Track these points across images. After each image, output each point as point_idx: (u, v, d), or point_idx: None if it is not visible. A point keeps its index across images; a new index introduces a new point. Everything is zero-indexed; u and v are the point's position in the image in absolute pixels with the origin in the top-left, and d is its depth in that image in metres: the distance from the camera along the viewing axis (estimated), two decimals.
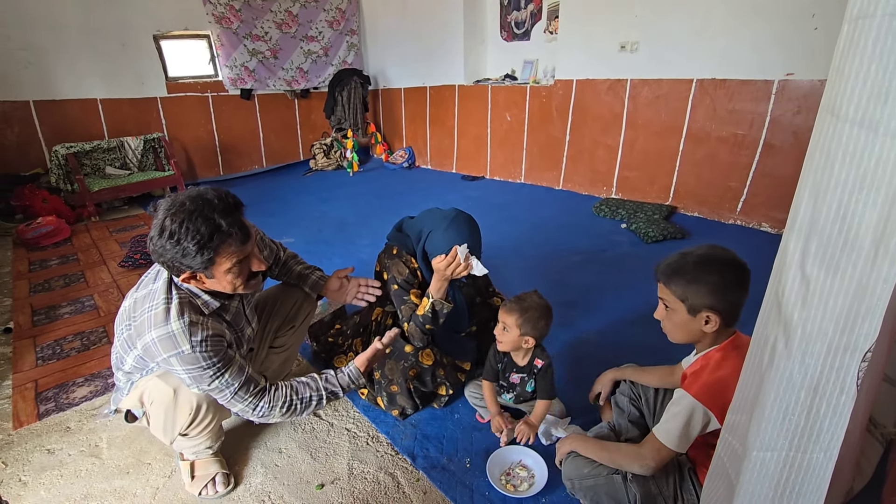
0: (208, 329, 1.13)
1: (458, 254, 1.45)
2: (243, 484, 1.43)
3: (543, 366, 1.52)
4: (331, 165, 5.82)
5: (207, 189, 1.11)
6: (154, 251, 1.08)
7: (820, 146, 0.67)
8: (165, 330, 1.09)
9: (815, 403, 0.71)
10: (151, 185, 4.46)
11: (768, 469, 0.78)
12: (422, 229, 1.60)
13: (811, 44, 2.84)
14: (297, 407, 1.24)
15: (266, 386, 1.23)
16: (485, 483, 1.38)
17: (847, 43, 0.64)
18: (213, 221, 1.07)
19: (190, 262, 1.07)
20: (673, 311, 1.15)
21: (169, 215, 1.06)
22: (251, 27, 5.20)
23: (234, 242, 1.10)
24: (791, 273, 0.72)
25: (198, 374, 1.12)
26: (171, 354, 1.09)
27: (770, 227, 3.26)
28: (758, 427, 0.78)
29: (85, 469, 1.50)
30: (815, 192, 0.68)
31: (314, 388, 1.27)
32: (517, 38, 4.80)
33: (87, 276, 2.96)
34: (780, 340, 0.74)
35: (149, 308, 1.12)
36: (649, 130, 3.75)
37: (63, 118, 4.37)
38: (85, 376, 1.95)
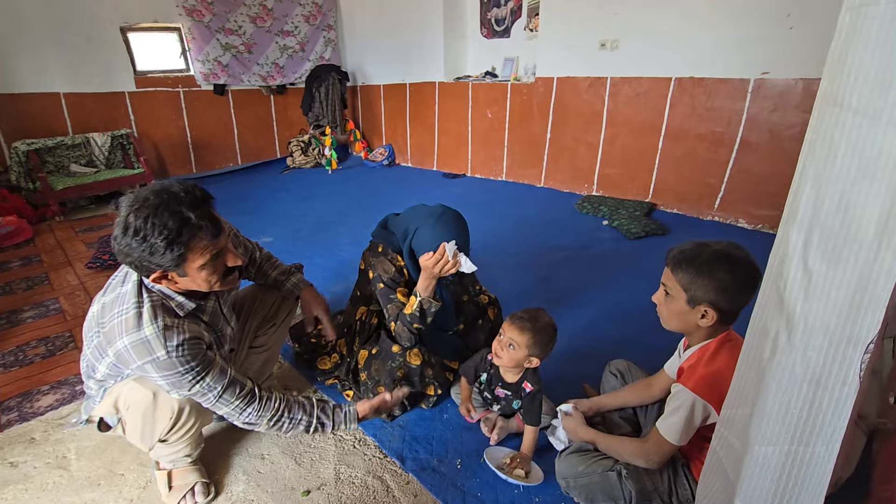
0: (185, 332, 1.06)
1: (447, 251, 1.41)
2: (224, 493, 1.37)
3: (532, 392, 1.43)
4: (309, 163, 5.70)
5: (172, 182, 1.04)
6: (119, 251, 1.01)
7: (821, 136, 0.66)
8: (138, 336, 1.02)
9: (817, 396, 0.70)
10: (120, 183, 4.27)
11: (770, 463, 0.77)
12: (408, 226, 1.56)
13: (787, 43, 2.91)
14: (284, 424, 1.18)
15: (257, 392, 1.16)
16: (477, 484, 1.35)
17: (849, 31, 0.63)
18: (180, 214, 0.99)
19: (159, 259, 1.00)
20: (672, 298, 1.14)
21: (132, 211, 0.98)
22: (224, 21, 5.04)
23: (205, 236, 1.03)
24: (793, 265, 0.71)
25: (176, 380, 1.06)
26: (145, 361, 1.02)
27: (747, 222, 3.33)
28: (759, 421, 0.78)
29: (52, 482, 1.41)
30: (818, 183, 0.67)
31: (308, 412, 1.20)
32: (497, 36, 4.79)
33: (52, 278, 2.81)
34: (782, 333, 0.73)
35: (119, 313, 1.04)
36: (629, 128, 3.79)
37: (23, 113, 4.14)
38: (50, 384, 1.84)
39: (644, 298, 2.33)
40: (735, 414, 0.92)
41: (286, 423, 1.18)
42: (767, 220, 3.24)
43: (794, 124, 3.00)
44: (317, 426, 1.21)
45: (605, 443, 1.25)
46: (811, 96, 2.90)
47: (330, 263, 2.89)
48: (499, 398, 1.53)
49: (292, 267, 1.60)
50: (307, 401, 1.23)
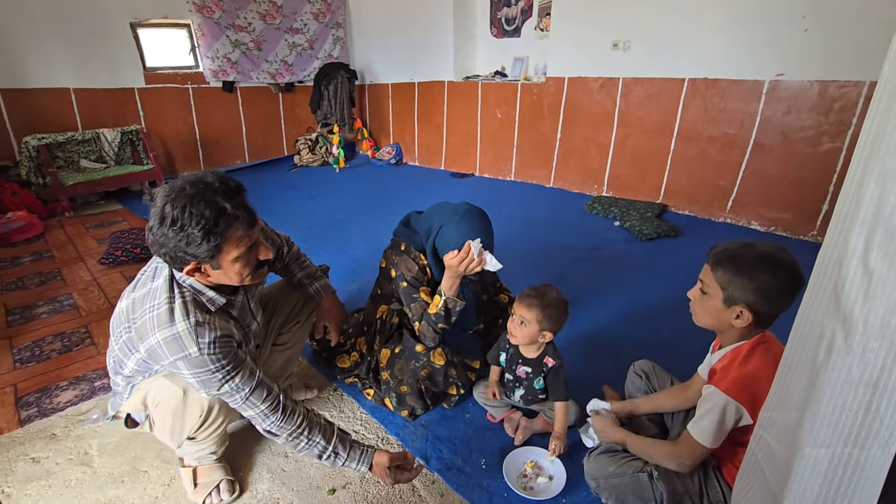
0: (216, 329, 1.05)
1: (472, 249, 1.40)
2: (249, 491, 1.36)
3: (555, 366, 1.46)
4: (316, 161, 5.69)
5: (206, 173, 1.03)
6: (154, 242, 1.00)
7: (886, 134, 0.66)
8: (171, 331, 1.01)
9: (874, 399, 0.69)
10: (129, 180, 4.27)
11: (821, 467, 0.76)
12: (431, 224, 1.55)
13: (802, 45, 2.90)
14: (302, 443, 1.14)
15: (282, 400, 1.13)
16: (502, 484, 1.35)
17: None
18: (216, 204, 0.99)
19: (195, 250, 0.99)
20: (708, 296, 1.13)
21: (169, 201, 0.98)
22: (234, 17, 5.04)
23: (240, 226, 1.03)
24: (852, 265, 0.70)
25: (206, 378, 1.05)
26: (177, 357, 1.02)
27: (759, 224, 3.33)
28: (811, 424, 0.77)
29: (75, 478, 1.40)
30: (883, 180, 0.66)
31: (328, 438, 1.16)
32: (507, 35, 4.78)
33: (64, 273, 2.81)
34: (838, 335, 0.72)
35: (150, 308, 1.03)
36: (641, 129, 3.78)
37: (33, 108, 4.14)
38: (69, 379, 1.84)
39: (658, 299, 2.35)
40: (776, 417, 0.91)
41: (304, 443, 1.15)
42: (780, 222, 3.23)
43: (808, 127, 3.00)
44: (331, 454, 1.16)
45: (635, 444, 1.24)
46: (826, 99, 2.89)
47: (342, 262, 2.88)
48: (521, 379, 1.53)
49: (318, 270, 1.60)
50: (329, 426, 1.19)
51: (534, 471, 1.39)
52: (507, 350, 1.54)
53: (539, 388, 1.52)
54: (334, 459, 1.17)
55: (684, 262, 2.80)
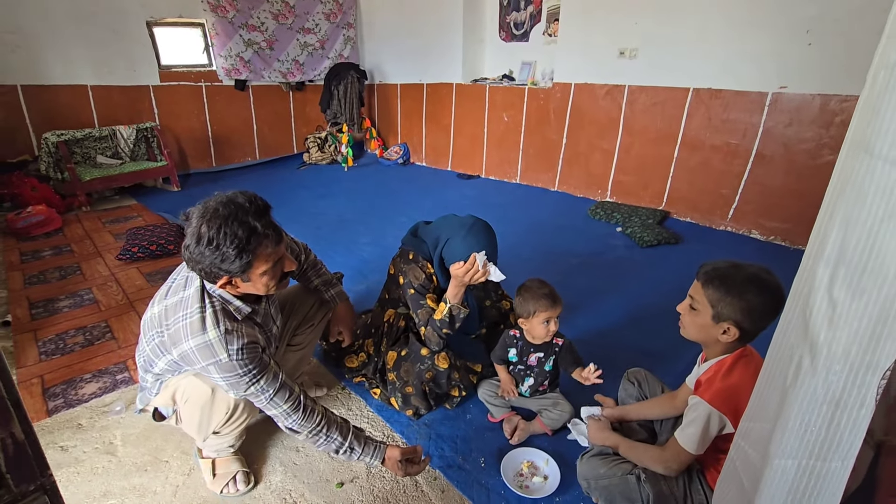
0: (244, 337, 1.15)
1: (477, 261, 1.49)
2: (263, 482, 1.46)
3: (566, 343, 1.63)
4: (325, 159, 5.78)
5: (237, 193, 1.13)
6: (191, 259, 1.10)
7: (852, 181, 0.73)
8: (203, 339, 1.11)
9: (836, 416, 0.77)
10: (143, 176, 4.38)
11: (787, 476, 0.84)
12: (439, 236, 1.63)
13: (805, 59, 2.94)
14: (321, 439, 1.24)
15: (303, 401, 1.22)
16: (500, 482, 1.43)
17: (883, 86, 0.69)
18: (248, 224, 1.08)
19: (228, 266, 1.09)
20: (697, 312, 1.20)
21: (204, 222, 1.08)
22: (247, 17, 5.12)
23: (269, 244, 1.13)
24: (819, 296, 0.78)
25: (235, 381, 1.15)
26: (209, 363, 1.12)
27: (759, 234, 3.38)
28: (780, 437, 0.85)
29: (101, 466, 1.50)
30: (846, 224, 0.74)
31: (344, 434, 1.26)
32: (516, 39, 4.84)
33: (84, 268, 2.91)
34: (805, 358, 0.80)
35: (183, 317, 1.13)
36: (645, 136, 3.84)
37: (52, 104, 4.25)
38: (92, 372, 1.94)
39: (656, 307, 2.42)
40: (753, 427, 0.99)
41: (322, 439, 1.24)
42: (780, 232, 3.29)
43: (810, 139, 3.05)
44: (347, 449, 1.26)
45: (626, 448, 1.32)
46: (827, 112, 2.94)
47: (350, 262, 2.97)
48: (532, 367, 1.64)
49: (334, 277, 1.70)
50: (345, 423, 1.29)
51: (530, 470, 1.47)
52: (517, 344, 1.65)
53: (549, 369, 1.64)
54: (350, 454, 1.27)
55: (683, 270, 2.87)
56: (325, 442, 1.25)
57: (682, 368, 1.56)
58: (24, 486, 0.63)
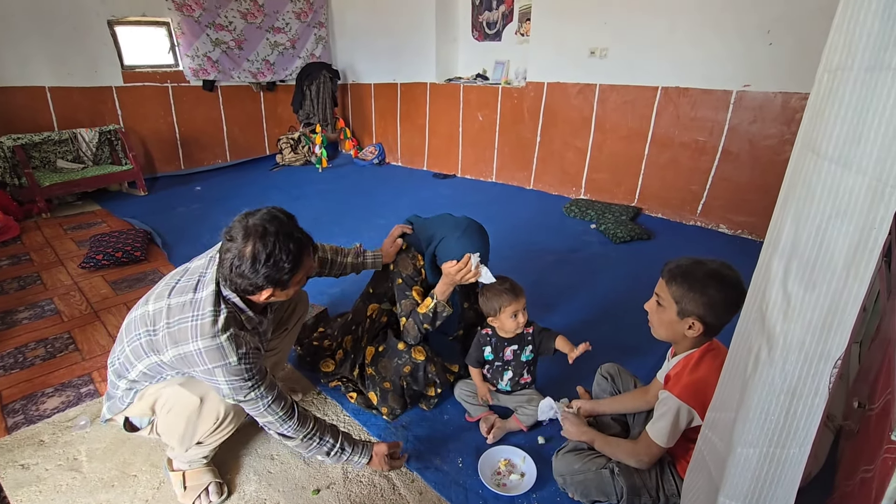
0: (248, 343, 1.16)
1: (471, 261, 1.52)
2: (237, 492, 1.43)
3: (535, 330, 1.66)
4: (298, 161, 5.69)
5: (270, 209, 1.16)
6: (240, 275, 1.10)
7: (802, 179, 0.76)
8: (214, 342, 1.10)
9: (792, 405, 0.80)
10: (107, 180, 4.23)
11: (750, 463, 0.87)
12: (434, 233, 1.64)
13: (766, 58, 3.04)
14: (314, 444, 1.28)
15: (297, 409, 1.26)
16: (478, 482, 1.44)
17: (826, 89, 0.72)
18: (295, 237, 1.13)
19: (280, 277, 1.12)
20: (664, 308, 1.23)
21: (258, 240, 1.09)
22: (214, 16, 4.99)
23: (309, 252, 1.19)
24: (774, 289, 0.80)
25: (238, 385, 1.15)
26: (216, 365, 1.11)
27: (727, 228, 3.49)
28: (742, 426, 0.87)
29: (65, 484, 1.45)
30: (797, 220, 0.76)
31: (335, 437, 1.32)
32: (488, 39, 4.86)
33: (44, 277, 2.80)
34: (763, 349, 0.83)
35: (192, 317, 1.12)
36: (617, 134, 3.91)
37: (7, 107, 4.05)
38: (54, 386, 1.86)
39: (630, 302, 2.47)
40: (719, 417, 1.02)
41: (315, 443, 1.28)
42: (746, 226, 3.40)
43: (772, 135, 3.15)
44: (338, 450, 1.32)
45: (601, 443, 1.35)
46: (788, 110, 3.05)
47: None
48: (509, 362, 1.65)
49: (356, 247, 1.77)
50: (334, 427, 1.35)
51: (507, 468, 1.48)
52: (490, 341, 1.66)
53: (526, 359, 1.66)
54: (340, 454, 1.32)
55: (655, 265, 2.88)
56: (317, 446, 1.28)
57: (655, 362, 1.60)
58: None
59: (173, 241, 3.31)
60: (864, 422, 1.24)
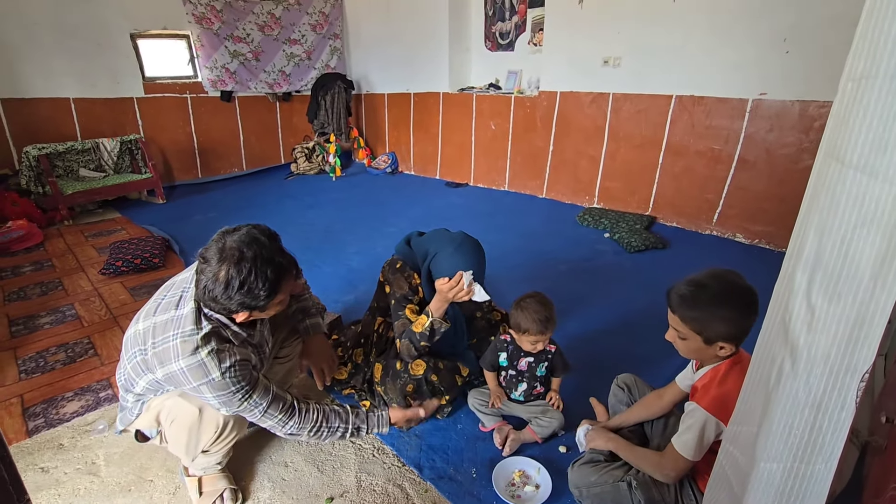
0: (235, 355, 1.14)
1: (463, 279, 1.50)
2: (251, 499, 1.43)
3: (556, 350, 1.66)
4: (312, 169, 5.77)
5: (249, 229, 1.12)
6: (212, 299, 1.08)
7: (825, 188, 0.75)
8: (195, 359, 1.09)
9: (818, 419, 0.78)
10: (127, 188, 4.33)
11: (774, 479, 0.85)
12: (428, 249, 1.64)
13: (783, 66, 3.01)
14: (324, 433, 1.28)
15: (297, 405, 1.25)
16: (492, 493, 1.42)
17: (850, 98, 0.71)
18: (274, 262, 1.10)
19: (255, 304, 1.10)
20: (687, 340, 1.19)
21: (231, 266, 1.05)
22: (232, 28, 5.11)
23: (290, 277, 1.16)
24: (797, 301, 0.79)
25: (227, 399, 1.14)
26: (201, 383, 1.11)
27: (744, 237, 3.43)
28: (765, 440, 0.85)
29: (83, 487, 1.47)
30: (821, 230, 0.75)
31: (344, 419, 1.32)
32: (501, 49, 4.89)
33: (65, 283, 2.86)
34: (786, 362, 0.81)
35: (174, 336, 1.11)
36: (630, 143, 3.89)
37: (33, 117, 4.19)
38: (74, 390, 1.90)
39: (645, 312, 2.44)
40: (740, 431, 0.99)
41: (325, 432, 1.28)
42: (764, 235, 3.34)
43: (790, 144, 3.11)
44: (353, 430, 1.32)
45: (626, 452, 1.32)
46: (806, 118, 3.01)
47: (339, 272, 2.95)
48: (522, 372, 1.64)
49: (314, 307, 1.64)
50: (342, 408, 1.34)
51: (521, 480, 1.47)
52: (507, 348, 1.65)
53: (541, 374, 1.64)
54: (358, 433, 1.33)
55: (671, 275, 2.87)
56: (329, 434, 1.28)
57: (671, 372, 1.57)
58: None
59: (190, 249, 3.36)
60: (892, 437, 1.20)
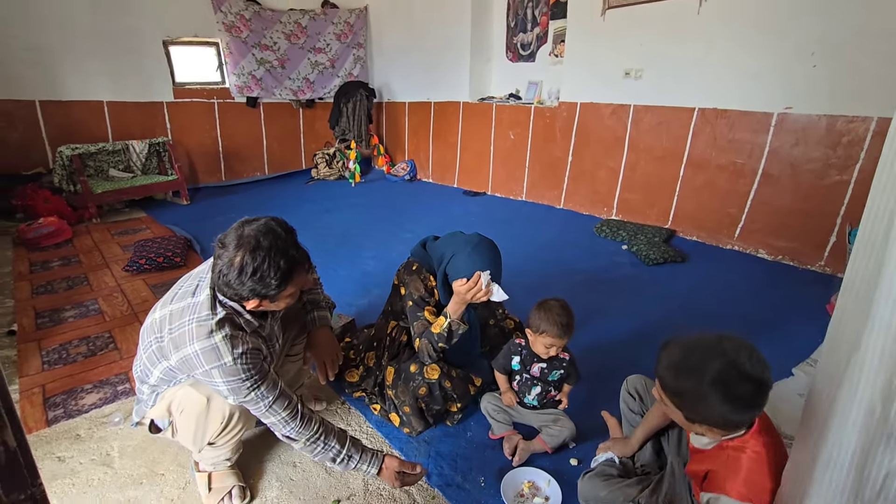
0: (247, 343, 1.16)
1: (481, 280, 1.48)
2: (259, 498, 1.44)
3: (570, 358, 1.64)
4: (332, 175, 5.85)
5: (268, 220, 1.14)
6: (226, 284, 1.11)
7: None
8: (209, 342, 1.11)
9: None
10: (154, 189, 4.46)
11: None
12: (444, 252, 1.63)
13: (810, 80, 2.95)
14: (318, 448, 1.25)
15: (300, 409, 1.24)
16: (500, 502, 1.40)
17: None
18: (288, 254, 1.12)
19: (266, 292, 1.12)
20: (670, 409, 1.07)
21: (247, 253, 1.08)
22: (260, 37, 5.26)
23: (303, 271, 1.17)
24: None
25: (236, 386, 1.15)
26: (213, 366, 1.12)
27: (767, 253, 3.35)
28: None
29: (97, 478, 1.49)
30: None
31: (341, 443, 1.28)
32: (522, 60, 4.91)
33: (91, 279, 2.94)
34: None
35: (190, 321, 1.14)
36: (651, 155, 3.85)
37: (68, 119, 4.36)
38: (93, 383, 1.94)
39: (662, 324, 2.40)
40: None
41: (320, 447, 1.25)
42: (787, 251, 3.25)
43: (816, 159, 3.03)
44: (344, 457, 1.28)
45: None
46: (834, 133, 2.94)
47: (354, 275, 2.97)
48: (535, 377, 1.62)
49: (323, 300, 1.66)
50: (342, 432, 1.31)
51: (531, 491, 1.44)
52: (521, 352, 1.63)
53: (553, 379, 1.63)
54: (347, 462, 1.28)
55: (689, 289, 2.85)
56: (322, 451, 1.25)
57: None
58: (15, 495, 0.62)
59: (211, 249, 3.40)
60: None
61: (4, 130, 4.10)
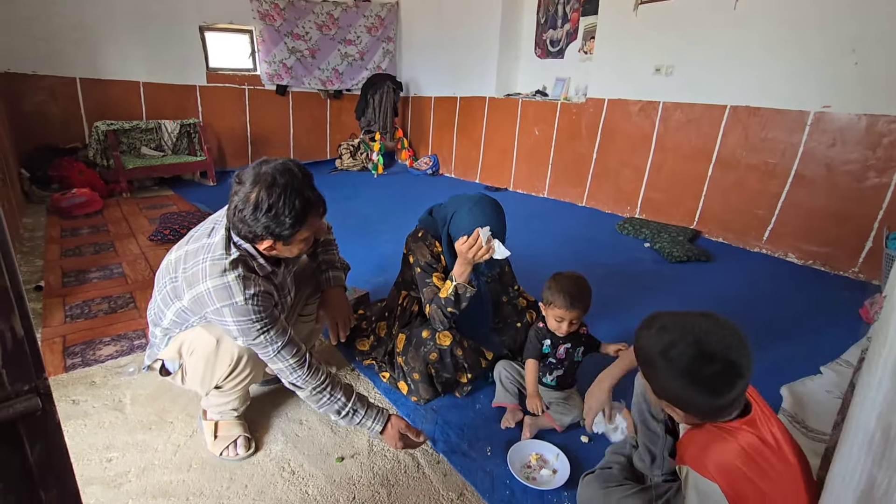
0: (259, 286, 1.16)
1: (480, 236, 1.42)
2: (263, 450, 1.44)
3: (587, 332, 1.64)
4: (356, 166, 5.90)
5: (286, 160, 1.14)
6: (242, 221, 1.10)
7: None
8: (222, 281, 1.11)
9: None
10: (183, 169, 4.57)
11: None
12: (447, 213, 1.61)
13: (850, 78, 2.84)
14: (325, 398, 1.23)
15: (308, 359, 1.22)
16: (506, 472, 1.37)
17: None
18: (304, 195, 1.11)
19: (280, 231, 1.11)
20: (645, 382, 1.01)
21: (263, 188, 1.07)
22: (293, 26, 5.36)
23: (317, 214, 1.17)
24: None
25: (246, 327, 1.14)
26: (224, 304, 1.12)
27: (796, 257, 3.23)
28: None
29: (108, 421, 1.52)
30: None
31: (347, 396, 1.25)
32: (551, 56, 4.88)
33: (117, 245, 3.03)
34: None
35: (204, 259, 1.14)
36: (678, 154, 3.76)
37: (105, 97, 4.52)
38: (112, 336, 1.98)
39: None
40: None
41: (326, 398, 1.23)
42: (819, 256, 3.13)
43: (854, 161, 2.91)
44: (350, 411, 1.24)
45: None
46: (874, 133, 2.82)
47: (371, 257, 2.98)
48: (562, 361, 1.58)
49: (339, 261, 1.65)
50: (349, 386, 1.28)
51: (538, 463, 1.40)
52: (549, 334, 1.57)
53: (578, 359, 1.60)
54: (352, 416, 1.25)
55: (713, 286, 2.76)
56: (328, 401, 1.23)
57: None
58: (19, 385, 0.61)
59: None
60: None
61: (46, 105, 4.27)
